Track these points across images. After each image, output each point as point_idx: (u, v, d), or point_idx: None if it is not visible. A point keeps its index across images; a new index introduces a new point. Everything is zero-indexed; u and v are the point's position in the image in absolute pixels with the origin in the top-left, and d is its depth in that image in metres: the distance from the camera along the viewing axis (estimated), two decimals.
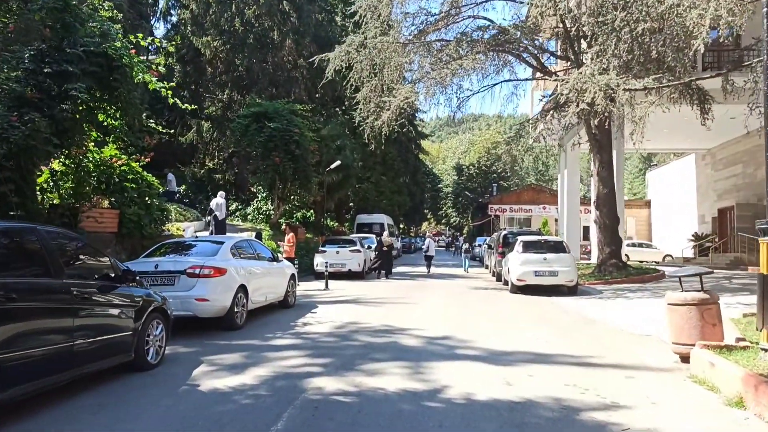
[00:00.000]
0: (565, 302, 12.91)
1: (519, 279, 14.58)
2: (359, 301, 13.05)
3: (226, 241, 9.59)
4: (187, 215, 20.37)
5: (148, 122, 10.94)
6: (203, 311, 8.39)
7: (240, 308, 9.07)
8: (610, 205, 18.58)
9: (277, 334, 8.53)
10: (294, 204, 26.18)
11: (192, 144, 29.53)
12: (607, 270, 18.02)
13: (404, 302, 12.70)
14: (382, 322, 9.61)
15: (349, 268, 19.36)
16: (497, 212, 47.81)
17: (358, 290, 15.49)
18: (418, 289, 16.35)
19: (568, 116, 13.07)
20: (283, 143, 21.77)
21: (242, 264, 9.51)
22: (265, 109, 22.56)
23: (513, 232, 19.91)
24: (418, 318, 10.23)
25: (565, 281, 14.48)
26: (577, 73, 12.78)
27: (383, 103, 16.99)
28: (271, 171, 21.87)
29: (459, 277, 21.25)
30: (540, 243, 15.35)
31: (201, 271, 8.39)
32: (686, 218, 35.79)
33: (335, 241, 20.84)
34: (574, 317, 10.59)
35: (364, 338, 8.21)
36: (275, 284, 10.89)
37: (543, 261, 14.56)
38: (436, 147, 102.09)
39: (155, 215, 11.59)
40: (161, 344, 6.58)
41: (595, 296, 14.19)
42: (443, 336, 8.41)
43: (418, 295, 14.22)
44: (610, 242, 18.45)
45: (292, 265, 12.21)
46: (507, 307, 11.94)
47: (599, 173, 18.53)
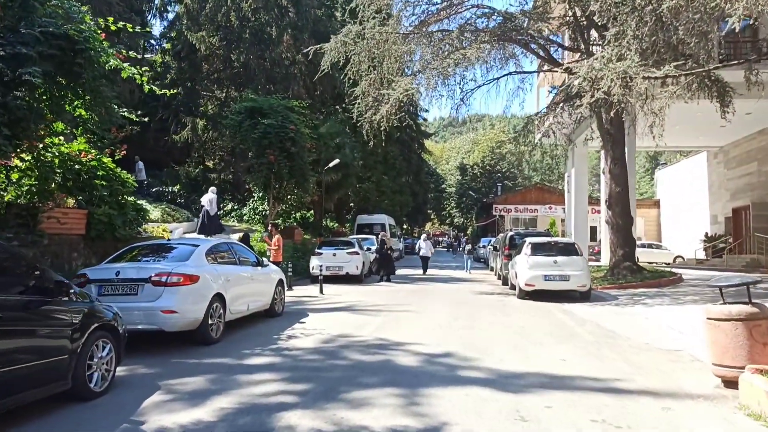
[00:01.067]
0: (579, 310, 11.84)
1: (527, 284, 13.52)
2: (354, 308, 12.01)
3: (201, 245, 8.56)
4: (177, 216, 19.36)
5: (120, 113, 9.89)
6: (171, 324, 7.37)
7: (216, 320, 8.04)
8: (623, 204, 17.49)
9: (256, 350, 7.49)
10: (291, 204, 25.14)
11: (187, 143, 28.53)
12: (621, 273, 16.93)
13: (403, 310, 11.66)
14: (377, 335, 8.57)
15: (346, 271, 18.33)
16: (502, 212, 46.70)
17: (354, 296, 14.46)
18: (419, 294, 15.30)
19: (582, 107, 11.99)
20: (278, 140, 20.76)
21: (220, 270, 8.48)
22: (260, 105, 21.56)
23: (520, 233, 18.83)
24: (418, 329, 9.19)
25: (578, 286, 13.41)
26: (592, 59, 11.71)
27: (382, 97, 15.94)
28: (266, 169, 20.87)
29: (463, 281, 20.19)
30: (550, 245, 14.29)
31: (168, 279, 7.36)
32: (697, 218, 34.63)
33: (332, 242, 19.81)
34: (592, 329, 9.52)
35: (354, 355, 7.17)
36: (259, 291, 9.87)
37: (553, 264, 13.50)
38: (439, 147, 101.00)
39: (130, 216, 10.58)
40: (109, 368, 5.55)
41: (610, 303, 13.11)
42: (445, 353, 7.36)
43: (418, 302, 13.17)
44: (623, 244, 17.36)
45: (280, 270, 11.17)
46: (516, 317, 10.88)
47: (611, 170, 17.44)
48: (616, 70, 10.85)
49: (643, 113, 13.33)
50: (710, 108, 20.00)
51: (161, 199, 27.09)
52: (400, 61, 16.36)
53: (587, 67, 11.54)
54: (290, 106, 22.27)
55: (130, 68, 9.53)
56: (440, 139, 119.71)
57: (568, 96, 15.30)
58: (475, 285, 18.35)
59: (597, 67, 11.32)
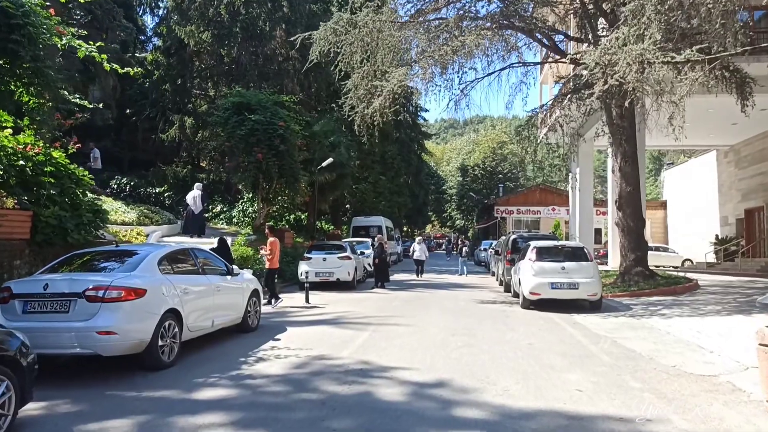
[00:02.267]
0: (592, 323, 10.60)
1: (532, 292, 12.30)
2: (340, 321, 10.79)
3: (153, 251, 7.34)
4: (156, 218, 18.14)
5: (72, 97, 8.68)
6: (109, 348, 6.16)
7: (168, 341, 6.82)
8: (634, 205, 16.26)
9: (211, 379, 6.27)
10: (283, 205, 23.93)
11: (175, 142, 27.35)
12: (633, 279, 15.69)
13: (394, 323, 10.43)
14: (359, 357, 7.35)
15: (337, 277, 17.09)
16: (504, 214, 45.43)
17: (344, 305, 13.24)
18: (414, 303, 14.08)
19: (594, 96, 10.75)
20: (266, 137, 19.58)
21: (176, 280, 7.26)
22: (248, 100, 20.40)
23: (523, 236, 17.59)
24: (408, 349, 7.96)
25: (588, 295, 12.18)
26: (606, 41, 10.48)
27: (374, 89, 14.73)
28: (253, 168, 19.68)
29: (462, 287, 18.95)
30: (556, 249, 13.07)
31: (106, 293, 6.15)
32: (706, 220, 33.37)
33: (322, 246, 18.57)
34: (608, 347, 8.29)
35: (328, 386, 5.95)
36: (228, 304, 8.65)
37: (561, 271, 12.27)
38: (440, 149, 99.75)
39: (86, 217, 9.37)
40: (5, 411, 4.34)
41: (624, 313, 11.87)
42: (438, 381, 6.14)
43: (412, 313, 11.94)
44: (634, 247, 16.12)
45: (255, 279, 9.95)
46: (521, 331, 9.65)
47: (622, 168, 16.20)
48: (633, 54, 9.63)
49: (658, 104, 12.14)
50: (722, 104, 18.79)
51: (147, 200, 25.96)
52: (395, 50, 15.15)
53: (600, 50, 10.31)
54: (280, 101, 21.09)
55: (81, 43, 8.35)
56: (441, 141, 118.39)
57: (576, 88, 14.08)
58: (475, 292, 17.12)
59: (611, 50, 10.09)
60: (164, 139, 26.84)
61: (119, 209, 16.38)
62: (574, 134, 15.00)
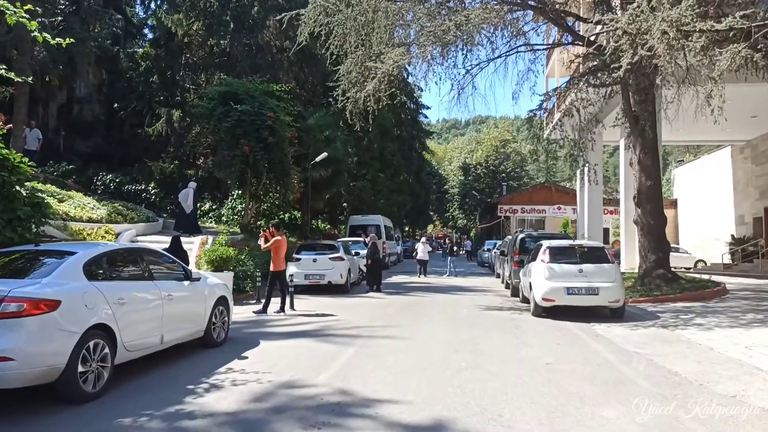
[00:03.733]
0: (617, 335, 9.11)
1: (545, 298, 10.82)
2: (325, 332, 9.32)
3: (80, 252, 5.88)
4: (132, 215, 16.67)
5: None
6: (7, 379, 4.71)
7: (93, 365, 5.36)
8: (655, 202, 14.80)
9: (141, 418, 4.80)
10: (274, 203, 22.47)
11: (162, 136, 25.88)
12: (654, 283, 14.22)
13: (387, 335, 8.96)
14: (340, 384, 5.88)
15: (329, 279, 15.61)
16: (507, 213, 43.85)
17: (333, 312, 11.77)
18: (412, 309, 12.61)
19: (622, 68, 9.22)
20: (253, 129, 18.16)
21: (110, 288, 5.81)
22: (234, 90, 18.97)
23: (532, 235, 16.08)
24: (401, 372, 6.50)
25: (609, 301, 10.69)
26: (634, 6, 9.00)
27: (368, 71, 13.27)
28: (240, 162, 18.25)
29: (465, 290, 17.47)
30: (572, 250, 11.57)
31: (1, 308, 4.70)
32: (720, 219, 31.83)
33: (312, 246, 17.09)
34: (644, 368, 6.81)
35: (290, 429, 4.49)
36: (184, 315, 7.19)
37: (578, 274, 10.79)
38: (442, 148, 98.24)
39: (22, 212, 7.93)
40: None
41: (651, 322, 10.38)
42: (436, 423, 4.68)
43: (409, 322, 10.46)
44: (655, 247, 14.64)
45: (222, 284, 8.47)
46: (536, 346, 8.17)
47: (641, 161, 14.74)
48: (669, 19, 8.15)
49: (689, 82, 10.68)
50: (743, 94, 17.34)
51: (133, 198, 24.54)
52: (392, 30, 13.68)
53: (628, 16, 8.84)
54: (269, 90, 19.64)
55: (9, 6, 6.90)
56: (443, 141, 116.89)
57: (593, 68, 12.59)
58: (480, 296, 15.64)
59: (640, 18, 8.61)
60: (150, 133, 25.38)
61: (87, 205, 14.93)
62: (591, 119, 13.49)
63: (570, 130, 13.63)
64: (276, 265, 11.62)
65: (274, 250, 11.63)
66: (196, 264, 13.93)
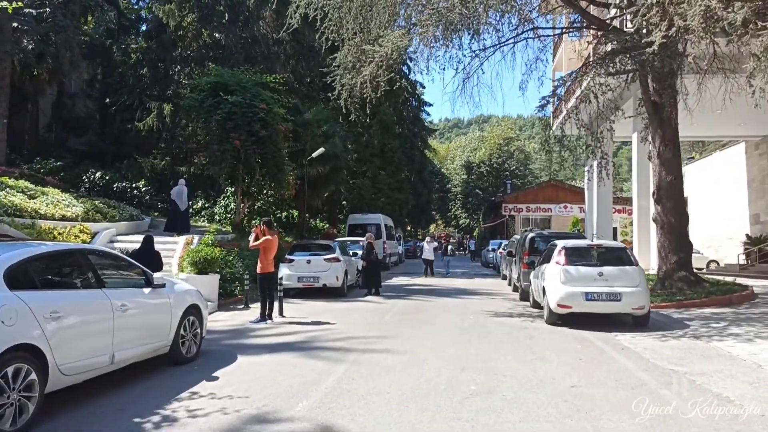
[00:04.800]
0: (645, 348, 8.00)
1: (561, 305, 9.71)
2: (313, 345, 8.23)
3: (2, 254, 4.79)
4: (113, 213, 15.58)
5: None
6: None
7: (12, 396, 4.28)
8: (676, 198, 13.70)
9: None
10: (268, 201, 21.42)
11: (152, 131, 24.81)
12: (676, 286, 13.10)
13: (384, 348, 7.86)
14: (321, 417, 4.79)
15: (324, 282, 14.51)
16: (512, 212, 42.69)
17: (326, 319, 10.68)
18: (412, 316, 11.51)
19: (655, 43, 8.08)
20: (245, 122, 17.10)
21: (39, 299, 4.73)
22: (225, 80, 17.91)
23: (543, 234, 14.94)
24: (398, 399, 5.40)
25: (633, 308, 9.57)
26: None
27: (365, 55, 12.17)
28: (231, 157, 17.18)
29: (471, 294, 16.37)
30: (591, 251, 10.45)
31: None
32: (733, 218, 30.66)
33: (307, 247, 15.99)
34: (690, 393, 5.71)
35: None
36: (143, 328, 6.11)
37: (597, 278, 9.68)
38: (444, 147, 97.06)
39: None
40: None
41: (681, 332, 9.27)
42: None
43: (409, 331, 9.36)
44: (676, 248, 13.53)
45: (194, 290, 7.38)
46: (555, 362, 7.07)
47: (661, 154, 13.62)
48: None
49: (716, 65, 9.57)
50: None
51: (122, 196, 23.53)
52: (392, 10, 12.55)
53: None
54: (263, 81, 18.57)
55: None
56: (445, 140, 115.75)
57: (612, 52, 11.46)
58: (486, 300, 14.53)
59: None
60: (141, 128, 24.32)
61: (62, 202, 13.86)
62: (610, 106, 12.34)
63: (587, 118, 12.48)
64: (264, 266, 10.48)
65: (262, 250, 10.51)
66: (179, 266, 12.86)
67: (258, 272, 10.58)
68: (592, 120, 12.32)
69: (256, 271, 10.72)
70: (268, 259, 10.47)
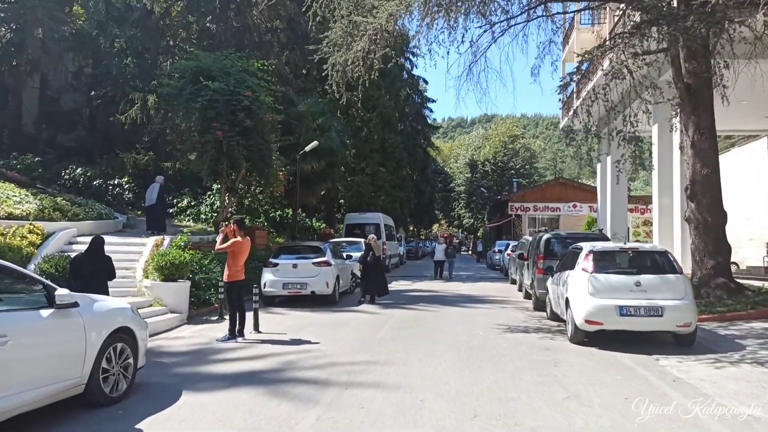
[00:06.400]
0: (701, 378, 6.34)
1: (590, 320, 8.05)
2: (281, 376, 6.57)
3: None
4: (76, 211, 13.93)
5: None
6: None
7: None
8: (713, 194, 12.04)
9: None
10: (257, 198, 19.79)
11: (138, 124, 23.15)
12: (714, 294, 11.43)
13: (371, 382, 6.22)
14: None
15: (312, 289, 12.85)
16: (519, 211, 40.94)
17: (308, 336, 9.05)
18: (412, 331, 9.85)
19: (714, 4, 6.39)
20: (228, 111, 15.43)
21: None
22: (207, 66, 16.24)
23: (560, 236, 13.25)
24: None
25: (678, 326, 7.90)
26: None
27: (357, 28, 10.52)
28: (212, 150, 15.54)
29: (477, 301, 14.71)
30: (624, 255, 8.80)
31: None
32: (753, 217, 28.91)
33: (294, 249, 14.33)
34: None
35: None
36: (38, 364, 4.49)
37: (634, 288, 8.02)
38: (447, 146, 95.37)
39: None
40: None
41: (737, 355, 7.58)
42: None
43: (405, 355, 7.68)
44: (713, 250, 11.87)
45: (123, 308, 5.75)
46: (595, 404, 5.42)
47: (695, 144, 11.94)
48: None
49: None
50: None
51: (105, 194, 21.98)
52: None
53: None
54: (249, 68, 16.94)
55: None
56: (449, 140, 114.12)
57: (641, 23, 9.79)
58: (496, 310, 12.87)
59: None
60: (123, 121, 22.69)
61: (11, 198, 12.22)
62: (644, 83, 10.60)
63: (617, 98, 10.78)
64: (232, 273, 8.79)
65: (230, 254, 8.83)
66: (144, 271, 11.23)
67: (225, 280, 8.94)
68: (624, 98, 10.60)
69: (223, 279, 9.09)
70: (238, 265, 8.80)
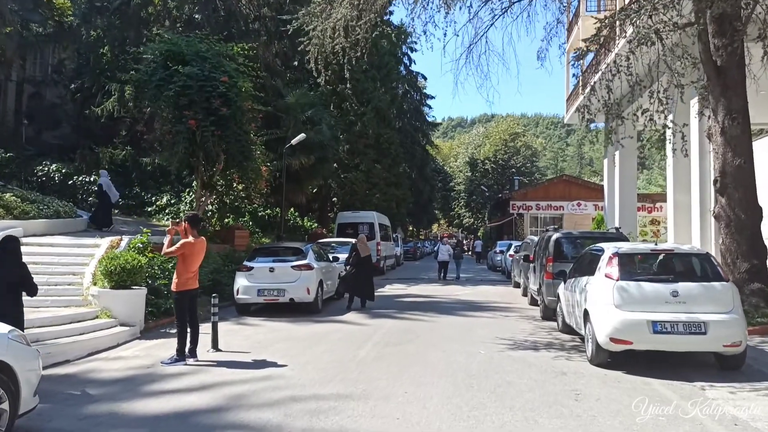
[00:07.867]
0: (765, 419, 4.87)
1: (616, 339, 6.56)
2: (219, 421, 5.06)
3: None
4: (29, 209, 12.42)
5: None
6: None
7: None
8: (746, 187, 10.52)
9: None
10: (239, 195, 18.30)
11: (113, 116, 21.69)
12: (750, 302, 9.83)
13: (336, 430, 4.73)
14: None
15: (291, 296, 11.31)
16: (521, 210, 39.38)
17: (276, 355, 7.56)
18: (398, 347, 8.35)
19: None
20: (202, 98, 13.96)
21: None
22: (179, 50, 14.77)
23: (571, 235, 11.72)
24: None
25: (725, 345, 6.40)
26: None
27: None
28: (184, 140, 14.06)
29: (477, 308, 13.21)
30: (656, 258, 7.30)
31: None
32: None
33: (272, 251, 12.80)
34: None
35: None
36: None
37: (671, 299, 6.53)
38: (447, 144, 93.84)
39: None
40: None
41: None
42: None
43: (387, 384, 6.18)
44: (748, 252, 10.34)
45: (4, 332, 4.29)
46: None
47: (725, 130, 10.44)
48: None
49: None
50: None
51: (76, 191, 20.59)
52: None
53: None
54: (225, 51, 15.45)
55: None
56: (449, 139, 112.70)
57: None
58: (499, 319, 11.36)
59: None
60: (100, 113, 21.21)
61: None
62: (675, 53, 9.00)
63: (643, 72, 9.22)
64: (182, 281, 7.25)
65: (181, 258, 7.31)
66: (93, 276, 9.74)
67: (173, 289, 7.40)
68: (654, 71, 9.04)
69: (171, 289, 7.58)
70: (189, 272, 7.27)
